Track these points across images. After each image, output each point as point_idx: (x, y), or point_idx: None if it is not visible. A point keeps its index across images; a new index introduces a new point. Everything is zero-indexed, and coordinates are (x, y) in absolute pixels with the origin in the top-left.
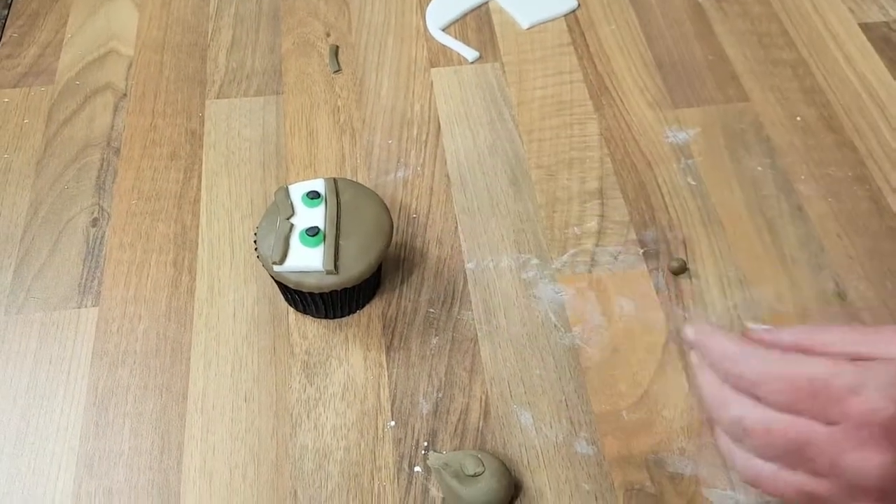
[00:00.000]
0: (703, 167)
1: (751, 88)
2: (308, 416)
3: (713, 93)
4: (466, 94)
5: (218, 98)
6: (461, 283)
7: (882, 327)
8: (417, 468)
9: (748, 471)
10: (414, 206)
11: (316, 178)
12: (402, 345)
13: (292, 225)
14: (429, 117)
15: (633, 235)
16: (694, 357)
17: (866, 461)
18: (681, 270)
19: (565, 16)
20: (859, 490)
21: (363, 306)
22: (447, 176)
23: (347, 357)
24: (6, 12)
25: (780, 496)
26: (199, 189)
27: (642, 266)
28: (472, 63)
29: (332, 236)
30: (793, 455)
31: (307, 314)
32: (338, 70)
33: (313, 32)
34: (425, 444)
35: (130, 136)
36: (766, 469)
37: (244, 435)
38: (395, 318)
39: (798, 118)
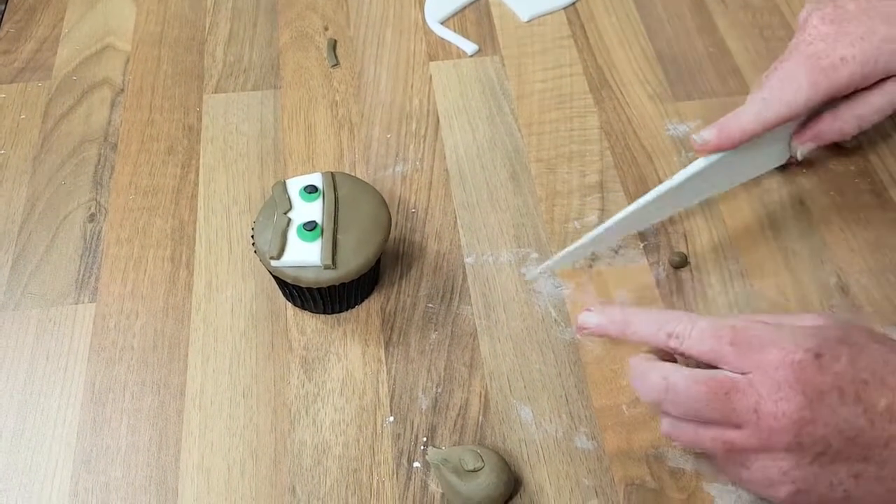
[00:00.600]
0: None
1: (752, 81)
2: (307, 412)
3: (714, 85)
4: (466, 88)
5: (215, 92)
6: (460, 278)
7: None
8: (416, 463)
9: (672, 429)
10: (413, 200)
11: (314, 172)
12: (401, 340)
13: (289, 219)
14: (428, 111)
15: None
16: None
17: (783, 402)
18: (682, 264)
19: (565, 8)
20: (774, 437)
21: (362, 301)
22: (446, 170)
23: (346, 352)
24: (3, 7)
25: (700, 446)
26: (196, 184)
27: (643, 260)
28: (471, 56)
29: (330, 231)
30: (715, 406)
31: (305, 309)
32: (336, 64)
33: (311, 26)
34: (424, 439)
35: (128, 131)
36: (689, 426)
37: (242, 431)
38: (394, 314)
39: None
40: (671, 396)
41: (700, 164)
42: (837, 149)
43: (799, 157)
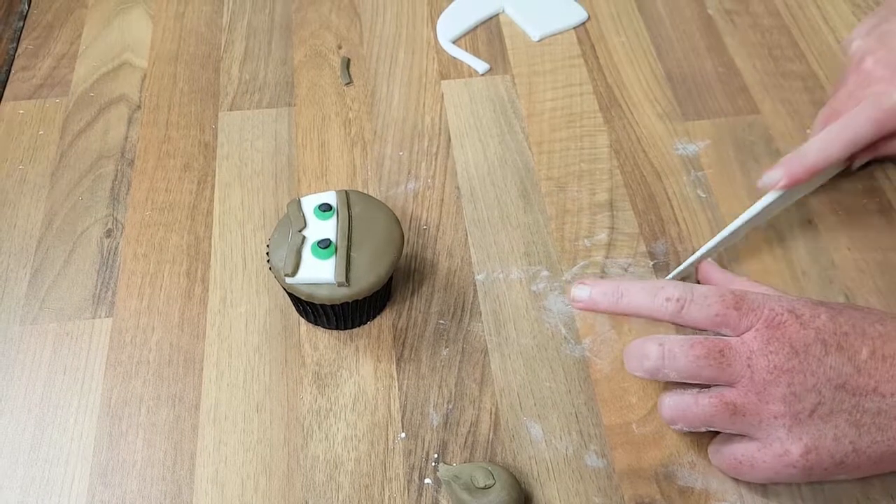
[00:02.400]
0: (712, 179)
1: (761, 101)
2: (319, 427)
3: (723, 105)
4: (477, 107)
5: (231, 110)
6: (471, 295)
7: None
8: (428, 480)
9: (674, 406)
10: (424, 217)
11: (327, 189)
12: (412, 356)
13: (304, 237)
14: (439, 129)
15: (642, 247)
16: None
17: (773, 354)
18: None
19: (575, 28)
20: (770, 389)
21: (374, 318)
22: (457, 188)
23: (358, 368)
24: (21, 24)
25: (704, 415)
26: (211, 200)
27: (652, 278)
28: (482, 75)
29: (344, 248)
30: (711, 363)
31: (318, 325)
32: (349, 82)
33: (325, 44)
34: (435, 455)
35: (144, 147)
36: (688, 396)
37: (256, 445)
38: (406, 330)
39: (808, 130)
40: (669, 361)
41: (770, 197)
42: (847, 169)
43: (854, 168)
